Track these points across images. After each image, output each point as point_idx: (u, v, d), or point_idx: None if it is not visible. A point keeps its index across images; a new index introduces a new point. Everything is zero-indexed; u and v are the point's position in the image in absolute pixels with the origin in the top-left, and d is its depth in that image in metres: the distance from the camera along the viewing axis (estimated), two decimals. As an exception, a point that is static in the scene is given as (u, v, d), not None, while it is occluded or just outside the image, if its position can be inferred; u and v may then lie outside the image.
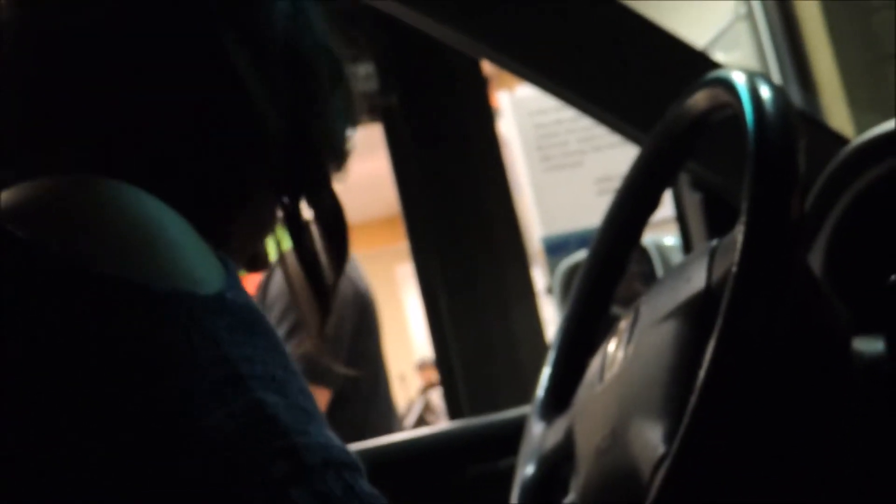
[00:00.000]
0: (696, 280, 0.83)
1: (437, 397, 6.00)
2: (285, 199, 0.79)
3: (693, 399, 0.69)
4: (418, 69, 3.01)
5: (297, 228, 0.79)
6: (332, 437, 0.61)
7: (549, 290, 3.37)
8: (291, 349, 0.66)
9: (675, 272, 0.91)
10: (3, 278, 0.59)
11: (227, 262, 0.66)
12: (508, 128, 3.71)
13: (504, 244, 3.03)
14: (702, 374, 0.69)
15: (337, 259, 0.80)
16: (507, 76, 3.97)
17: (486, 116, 3.13)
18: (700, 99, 0.91)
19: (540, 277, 3.54)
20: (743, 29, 3.23)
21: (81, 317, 0.58)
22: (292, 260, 0.80)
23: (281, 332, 1.79)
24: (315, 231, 0.80)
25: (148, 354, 0.58)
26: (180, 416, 0.57)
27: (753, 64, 3.15)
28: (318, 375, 2.45)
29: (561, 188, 3.65)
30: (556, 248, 3.52)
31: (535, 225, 3.68)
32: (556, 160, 3.69)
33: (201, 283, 0.62)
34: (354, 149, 0.81)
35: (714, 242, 0.86)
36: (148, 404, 0.57)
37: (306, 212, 0.80)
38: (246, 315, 0.62)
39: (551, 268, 3.47)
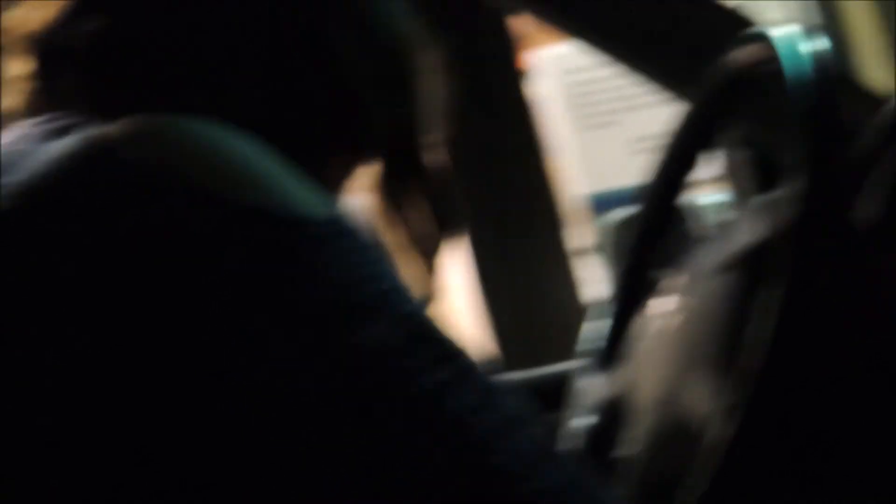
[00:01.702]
0: (750, 233, 0.84)
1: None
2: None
3: (748, 353, 0.70)
4: (447, 27, 2.99)
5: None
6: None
7: (594, 249, 3.36)
8: None
9: (725, 228, 0.92)
10: (156, 216, 0.60)
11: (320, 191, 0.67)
12: (547, 85, 3.69)
13: (538, 203, 3.02)
14: (753, 328, 0.69)
15: (444, 224, 0.80)
16: (543, 34, 3.94)
17: (515, 75, 3.10)
18: (741, 55, 0.91)
19: (585, 235, 3.53)
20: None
21: (234, 246, 0.59)
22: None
23: None
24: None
25: (304, 277, 0.59)
26: (346, 332, 0.59)
27: (791, 21, 3.10)
28: None
29: (604, 146, 3.63)
30: (602, 205, 3.50)
31: (578, 183, 3.66)
32: (598, 118, 3.66)
33: (321, 207, 0.63)
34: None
35: (763, 198, 0.86)
36: (310, 323, 0.58)
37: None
38: (365, 236, 0.64)
39: (596, 226, 3.46)
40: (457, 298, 2.56)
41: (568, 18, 1.30)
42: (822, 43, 0.80)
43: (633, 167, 3.35)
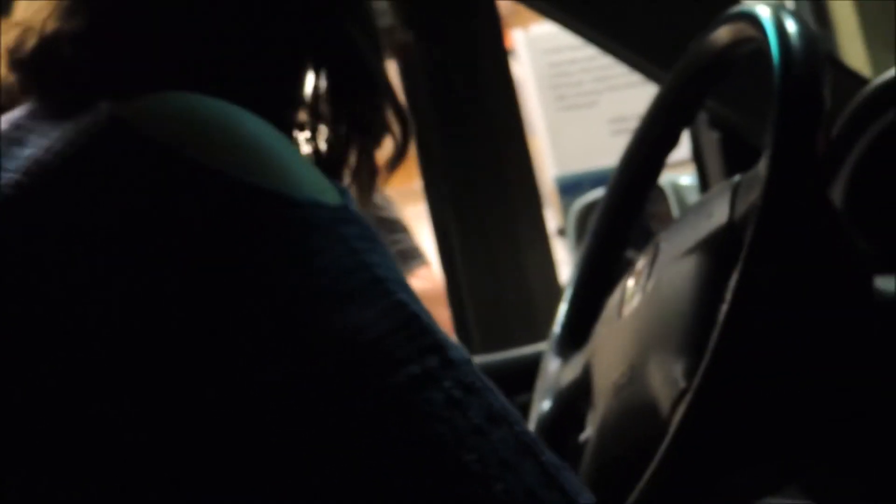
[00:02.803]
0: (719, 215, 0.83)
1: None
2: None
3: (715, 334, 0.69)
4: (433, 5, 2.99)
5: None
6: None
7: (562, 232, 3.37)
8: None
9: (696, 208, 0.91)
10: (164, 190, 0.60)
11: (333, 179, 0.68)
12: (523, 67, 3.69)
13: (518, 183, 3.02)
14: (725, 308, 0.69)
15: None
16: (522, 14, 3.94)
17: (500, 55, 3.10)
18: (724, 34, 0.90)
19: (552, 218, 3.54)
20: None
21: (235, 227, 0.60)
22: None
23: None
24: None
25: (299, 261, 0.60)
26: (335, 316, 0.59)
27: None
28: (419, 255, 2.41)
29: (575, 128, 3.63)
30: (570, 188, 3.50)
31: (549, 165, 3.67)
32: (570, 100, 3.66)
33: (327, 194, 0.64)
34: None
35: (737, 178, 0.85)
36: (302, 306, 0.59)
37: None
38: (366, 225, 0.65)
39: (564, 208, 3.46)
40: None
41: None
42: (806, 22, 0.79)
43: (606, 149, 3.37)
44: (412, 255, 2.38)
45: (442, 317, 2.45)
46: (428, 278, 2.37)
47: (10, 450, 0.60)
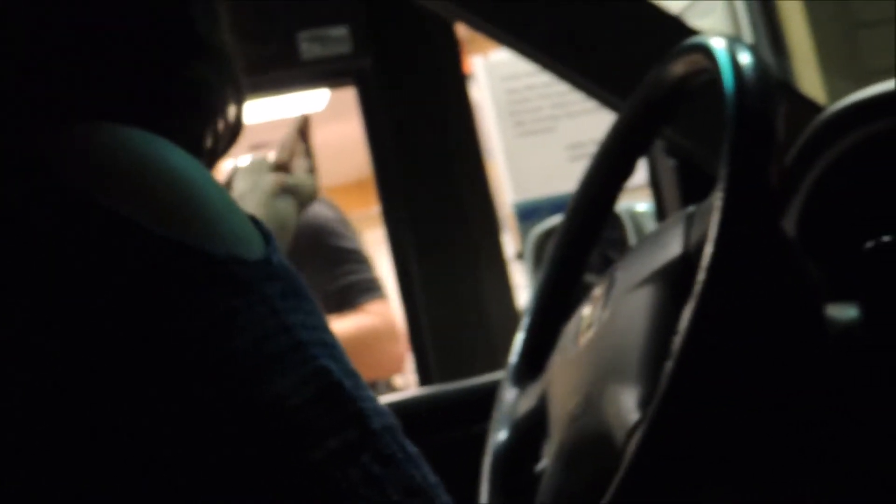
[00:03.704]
0: (673, 246, 0.83)
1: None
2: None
3: (669, 365, 0.69)
4: (392, 32, 2.99)
5: None
6: (374, 396, 0.62)
7: (520, 256, 3.37)
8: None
9: (650, 238, 0.91)
10: (68, 237, 0.57)
11: (259, 223, 0.64)
12: (481, 92, 3.70)
13: (476, 209, 3.03)
14: (678, 339, 0.69)
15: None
16: (480, 41, 3.95)
17: (459, 80, 3.11)
18: (679, 65, 0.91)
19: (510, 243, 3.54)
20: (717, -4, 3.23)
21: (145, 282, 0.56)
22: None
23: None
24: None
25: (214, 322, 0.57)
26: (253, 383, 0.57)
27: (727, 31, 3.14)
28: (376, 288, 2.37)
29: (533, 154, 3.64)
30: (528, 213, 3.52)
31: (507, 190, 3.68)
32: (528, 125, 3.68)
33: (250, 246, 0.61)
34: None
35: (691, 209, 0.85)
36: (219, 373, 0.56)
37: None
38: (291, 279, 0.62)
39: (522, 234, 3.47)
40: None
41: (503, 26, 1.28)
42: (759, 54, 0.80)
43: (563, 175, 3.38)
44: (370, 287, 2.35)
45: (393, 353, 2.42)
46: (381, 314, 2.34)
47: None
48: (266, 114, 3.93)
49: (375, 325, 2.30)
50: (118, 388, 0.56)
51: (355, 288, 2.31)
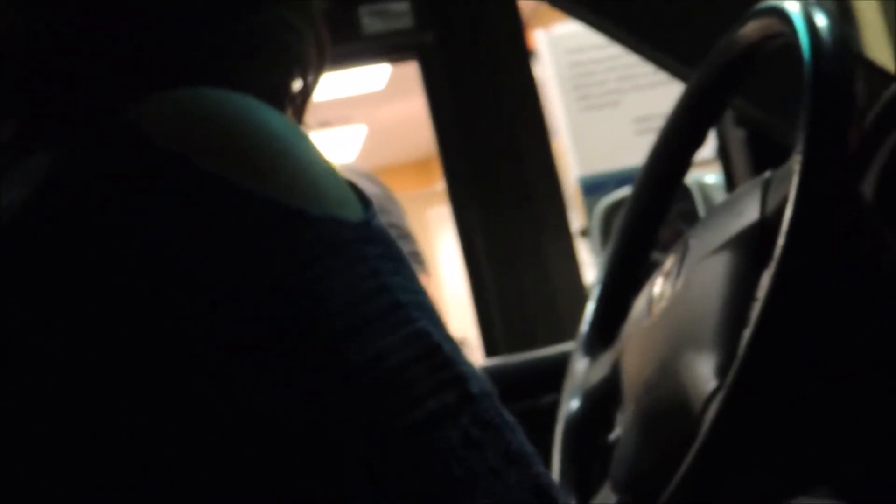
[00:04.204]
0: (750, 212, 0.82)
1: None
2: None
3: (748, 332, 0.68)
4: (454, 6, 2.99)
5: None
6: (471, 362, 0.61)
7: (585, 233, 3.36)
8: None
9: (725, 205, 0.90)
10: (172, 199, 0.57)
11: (358, 189, 0.64)
12: (545, 67, 3.68)
13: (540, 185, 3.02)
14: (758, 306, 0.68)
15: None
16: (544, 14, 3.93)
17: (522, 54, 3.10)
18: (752, 29, 0.90)
19: (576, 220, 3.53)
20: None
21: (245, 242, 0.57)
22: None
23: None
24: None
25: (313, 283, 0.57)
26: (352, 343, 0.56)
27: None
28: (420, 262, 2.39)
29: (599, 128, 3.62)
30: (594, 188, 3.50)
31: (572, 165, 3.66)
32: (594, 99, 3.66)
33: (349, 208, 0.60)
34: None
35: (767, 174, 0.84)
36: (319, 334, 0.56)
37: None
38: (391, 244, 0.61)
39: (588, 209, 3.45)
40: (449, 280, 2.56)
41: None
42: (836, 17, 0.79)
43: (630, 149, 3.36)
44: (413, 262, 2.36)
45: None
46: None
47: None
48: (328, 91, 3.93)
49: None
50: (215, 348, 0.56)
51: None
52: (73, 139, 0.61)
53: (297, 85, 0.72)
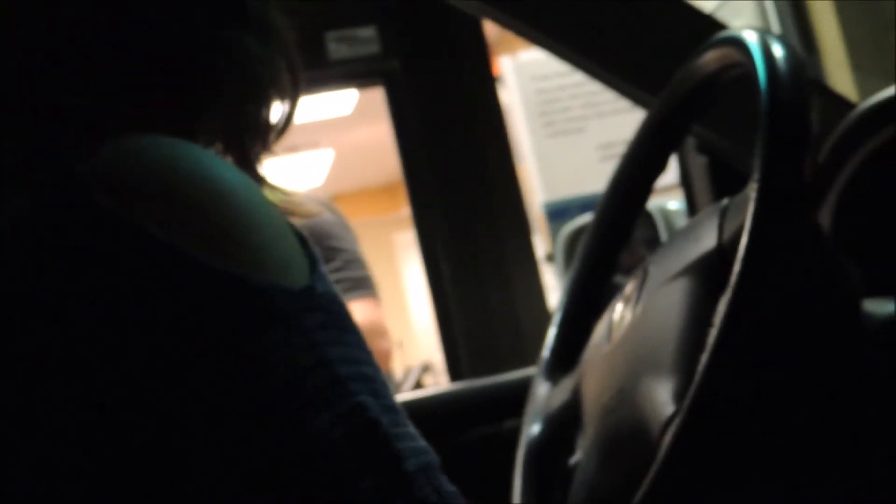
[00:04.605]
0: (707, 239, 0.83)
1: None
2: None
3: (704, 357, 0.69)
4: (421, 32, 3.00)
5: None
6: (414, 432, 0.60)
7: (550, 258, 3.37)
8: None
9: (684, 232, 0.91)
10: (104, 260, 0.56)
11: (305, 240, 0.63)
12: (511, 93, 3.70)
13: (505, 210, 3.03)
14: (714, 331, 0.69)
15: None
16: (510, 41, 3.95)
17: (488, 80, 3.12)
18: (711, 58, 0.91)
19: (540, 244, 3.54)
20: (746, -5, 3.22)
21: (181, 311, 0.56)
22: None
23: None
24: None
25: (250, 355, 0.56)
26: (286, 419, 0.56)
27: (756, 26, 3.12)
28: (363, 287, 2.42)
29: (563, 154, 3.64)
30: (558, 213, 3.51)
31: (537, 191, 3.67)
32: (558, 126, 3.68)
33: (293, 274, 0.59)
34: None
35: (725, 202, 0.85)
36: (252, 407, 0.56)
37: None
38: (335, 309, 0.60)
39: (552, 234, 3.47)
40: (413, 304, 2.57)
41: (533, 24, 1.28)
42: (793, 47, 0.80)
43: (593, 175, 3.38)
44: (355, 286, 2.40)
45: (380, 348, 2.48)
46: (363, 311, 2.39)
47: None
48: (295, 116, 3.93)
49: (364, 324, 2.34)
50: (147, 420, 0.55)
51: (340, 285, 2.36)
52: (22, 192, 0.60)
53: (275, 111, 0.72)
